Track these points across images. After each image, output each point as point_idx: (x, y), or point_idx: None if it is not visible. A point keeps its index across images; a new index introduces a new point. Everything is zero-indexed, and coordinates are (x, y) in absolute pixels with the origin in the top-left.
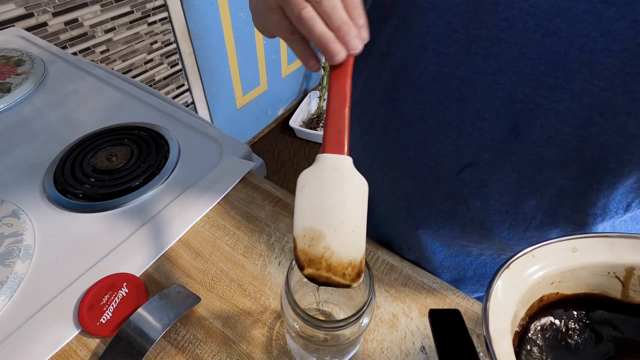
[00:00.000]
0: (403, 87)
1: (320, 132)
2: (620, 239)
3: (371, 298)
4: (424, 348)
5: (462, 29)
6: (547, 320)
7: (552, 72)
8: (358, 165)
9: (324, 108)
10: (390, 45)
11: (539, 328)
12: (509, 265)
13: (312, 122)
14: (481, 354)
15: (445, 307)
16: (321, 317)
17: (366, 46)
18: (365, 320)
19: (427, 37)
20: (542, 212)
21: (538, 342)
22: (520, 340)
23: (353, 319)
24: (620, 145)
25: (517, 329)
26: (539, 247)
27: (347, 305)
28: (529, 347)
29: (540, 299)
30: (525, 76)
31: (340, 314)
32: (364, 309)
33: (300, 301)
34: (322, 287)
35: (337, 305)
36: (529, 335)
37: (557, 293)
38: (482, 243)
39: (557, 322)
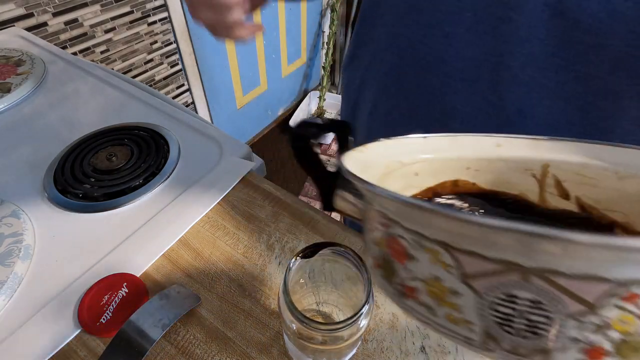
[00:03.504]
0: (409, 68)
1: None
2: (547, 142)
3: (369, 299)
4: (424, 348)
5: (470, 7)
6: (454, 202)
7: (558, 52)
8: None
9: (324, 108)
10: (395, 25)
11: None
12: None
13: None
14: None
15: None
16: (319, 319)
17: (367, 29)
18: (363, 322)
19: (436, 15)
20: None
21: None
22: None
23: (351, 320)
24: (625, 130)
25: (421, 196)
26: (463, 135)
27: (346, 306)
28: None
29: (456, 183)
30: (532, 57)
31: (339, 315)
32: (363, 310)
33: (300, 302)
34: (321, 288)
35: (336, 306)
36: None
37: (474, 184)
38: None
39: (464, 207)
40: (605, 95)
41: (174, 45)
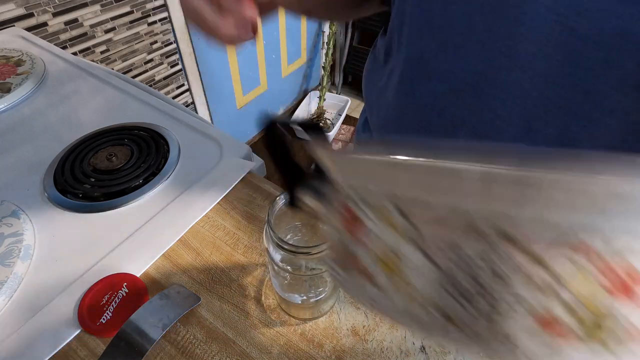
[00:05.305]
0: (422, 79)
1: None
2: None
3: None
4: (424, 348)
5: (482, 23)
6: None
7: (568, 69)
8: None
9: (324, 108)
10: (410, 36)
11: None
12: None
13: None
14: None
15: None
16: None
17: (390, 40)
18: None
19: (448, 29)
20: None
21: None
22: None
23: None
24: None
25: None
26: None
27: None
28: None
29: None
30: (541, 73)
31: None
32: None
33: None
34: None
35: None
36: None
37: None
38: None
39: None
40: (611, 111)
41: (174, 45)
